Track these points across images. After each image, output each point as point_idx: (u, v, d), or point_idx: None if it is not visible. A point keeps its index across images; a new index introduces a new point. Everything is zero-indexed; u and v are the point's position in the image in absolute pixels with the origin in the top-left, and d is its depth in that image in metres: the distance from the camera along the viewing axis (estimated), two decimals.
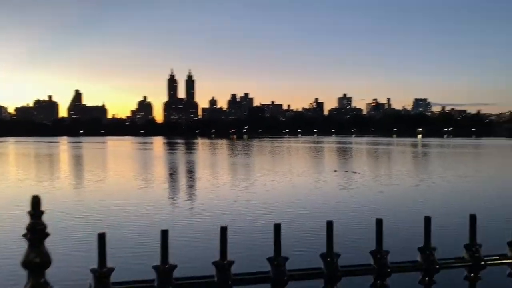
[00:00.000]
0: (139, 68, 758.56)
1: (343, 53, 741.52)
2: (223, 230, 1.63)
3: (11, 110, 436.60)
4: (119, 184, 30.64)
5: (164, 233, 1.57)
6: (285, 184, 29.67)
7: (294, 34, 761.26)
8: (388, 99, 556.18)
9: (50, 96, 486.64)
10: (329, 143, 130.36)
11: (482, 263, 1.91)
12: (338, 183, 29.85)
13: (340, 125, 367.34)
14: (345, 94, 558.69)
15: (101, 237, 1.48)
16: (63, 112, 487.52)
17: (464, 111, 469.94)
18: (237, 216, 18.84)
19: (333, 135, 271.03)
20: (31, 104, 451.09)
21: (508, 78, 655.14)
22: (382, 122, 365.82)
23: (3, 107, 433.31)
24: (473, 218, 1.94)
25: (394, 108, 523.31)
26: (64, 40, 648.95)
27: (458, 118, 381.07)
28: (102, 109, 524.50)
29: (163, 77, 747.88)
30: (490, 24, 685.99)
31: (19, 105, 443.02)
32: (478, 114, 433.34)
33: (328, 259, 1.78)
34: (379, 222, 1.84)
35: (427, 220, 1.91)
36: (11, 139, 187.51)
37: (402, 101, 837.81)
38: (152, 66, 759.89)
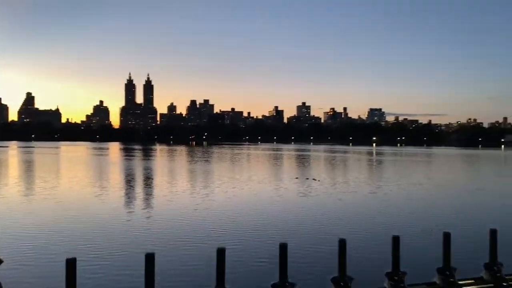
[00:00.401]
0: (95, 71, 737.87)
1: (302, 62, 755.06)
2: (221, 252, 1.37)
3: None
4: (73, 192, 29.35)
5: (149, 259, 1.25)
6: (247, 192, 29.51)
7: (255, 41, 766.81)
8: (345, 108, 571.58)
9: None
10: (289, 150, 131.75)
11: (505, 284, 1.67)
12: (299, 191, 30.06)
13: (299, 133, 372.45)
14: (304, 103, 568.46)
15: (70, 264, 1.16)
16: (13, 116, 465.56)
17: (416, 121, 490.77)
18: (199, 227, 18.44)
19: (292, 143, 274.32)
20: None
21: (457, 91, 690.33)
22: (339, 130, 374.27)
23: None
24: (493, 233, 1.68)
25: (350, 117, 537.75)
26: (16, 40, 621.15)
27: (411, 128, 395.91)
28: (55, 113, 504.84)
29: (120, 81, 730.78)
30: (441, 38, 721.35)
31: None
32: (429, 124, 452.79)
33: (341, 284, 1.56)
34: (395, 240, 1.61)
35: (446, 237, 1.65)
36: None
37: (358, 111, 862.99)
38: (109, 69, 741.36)
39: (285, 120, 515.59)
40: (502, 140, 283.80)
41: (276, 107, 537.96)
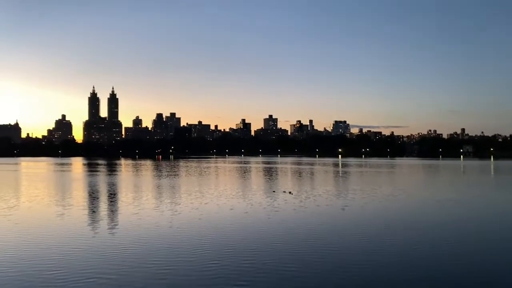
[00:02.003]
0: (57, 84, 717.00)
1: (268, 75, 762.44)
2: None
3: None
4: (34, 211, 27.41)
5: None
6: (221, 208, 28.50)
7: (222, 54, 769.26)
8: (311, 121, 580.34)
9: None
10: (257, 163, 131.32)
11: None
12: (273, 205, 29.35)
13: (266, 145, 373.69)
14: (271, 115, 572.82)
15: None
16: None
17: (380, 132, 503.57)
18: (176, 245, 17.36)
19: (260, 155, 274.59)
20: None
21: (418, 103, 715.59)
22: (306, 142, 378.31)
23: None
24: None
25: (316, 129, 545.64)
26: None
27: (374, 139, 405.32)
28: (15, 128, 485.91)
29: (84, 95, 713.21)
30: (403, 53, 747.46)
31: None
32: (392, 135, 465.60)
33: None
34: None
35: None
36: None
37: (323, 123, 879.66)
38: (72, 82, 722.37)
39: (253, 133, 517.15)
40: (461, 150, 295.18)
41: (244, 120, 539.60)
